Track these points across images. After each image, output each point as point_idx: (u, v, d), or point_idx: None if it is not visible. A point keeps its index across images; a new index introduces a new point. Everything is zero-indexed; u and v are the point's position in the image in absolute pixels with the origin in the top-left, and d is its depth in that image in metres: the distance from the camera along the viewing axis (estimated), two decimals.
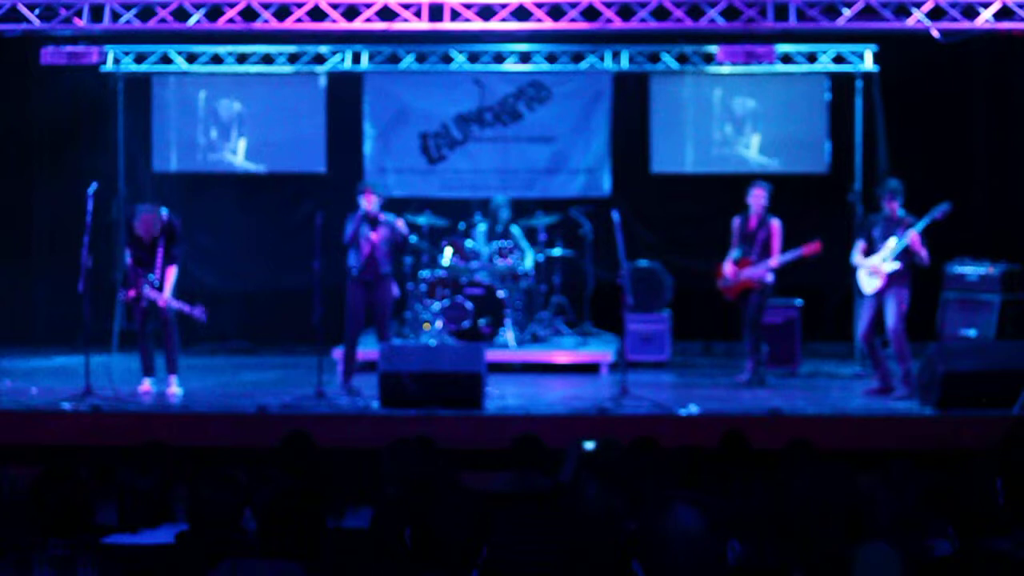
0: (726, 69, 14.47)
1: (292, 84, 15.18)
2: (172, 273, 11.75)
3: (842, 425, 10.36)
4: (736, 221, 12.44)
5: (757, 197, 12.28)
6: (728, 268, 12.36)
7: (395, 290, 12.30)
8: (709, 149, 14.95)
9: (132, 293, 11.66)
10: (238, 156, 15.36)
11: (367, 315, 12.04)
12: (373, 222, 11.88)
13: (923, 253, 11.39)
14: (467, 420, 10.45)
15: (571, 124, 15.01)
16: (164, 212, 11.88)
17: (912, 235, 11.31)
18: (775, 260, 12.18)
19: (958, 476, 5.72)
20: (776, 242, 12.23)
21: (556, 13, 12.08)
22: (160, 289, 11.67)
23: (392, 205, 13.19)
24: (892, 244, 11.40)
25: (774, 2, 11.89)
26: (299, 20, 12.13)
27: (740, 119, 14.92)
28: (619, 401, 10.92)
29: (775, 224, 12.30)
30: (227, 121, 15.33)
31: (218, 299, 13.88)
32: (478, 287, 13.53)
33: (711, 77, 14.86)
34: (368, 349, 12.20)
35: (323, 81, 15.17)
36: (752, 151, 14.92)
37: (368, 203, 11.90)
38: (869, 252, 11.60)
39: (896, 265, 11.39)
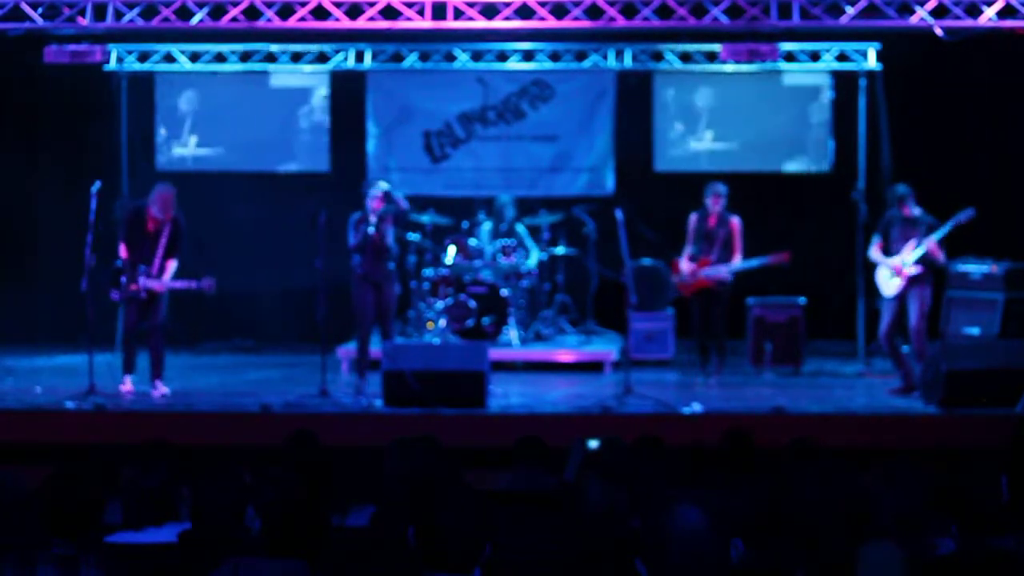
0: (729, 67, 14.46)
1: (295, 83, 15.19)
2: (172, 266, 11.67)
3: (845, 424, 10.37)
4: (693, 218, 12.52)
5: (716, 202, 12.37)
6: (686, 265, 12.40)
7: (397, 288, 12.40)
8: (712, 147, 14.94)
9: (134, 287, 11.57)
10: (241, 154, 15.35)
11: (375, 314, 12.13)
12: (379, 222, 11.92)
13: (940, 257, 11.42)
14: (470, 419, 10.46)
15: (574, 123, 15.00)
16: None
17: (931, 244, 11.31)
18: (737, 261, 12.21)
19: (962, 475, 5.72)
20: (738, 240, 12.33)
21: (559, 11, 12.08)
22: (157, 277, 11.61)
23: None
24: (912, 247, 11.37)
25: (777, 0, 11.88)
26: (302, 19, 12.13)
27: (742, 117, 14.90)
28: (622, 400, 10.93)
29: (735, 222, 12.36)
30: (230, 120, 15.32)
31: (222, 298, 13.86)
32: (481, 286, 13.53)
33: (714, 75, 14.85)
34: (371, 348, 12.22)
35: (326, 80, 15.17)
36: (755, 149, 14.90)
37: (376, 204, 11.93)
38: (886, 250, 11.57)
39: (917, 269, 11.38)
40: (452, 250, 13.89)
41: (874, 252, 11.74)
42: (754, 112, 14.81)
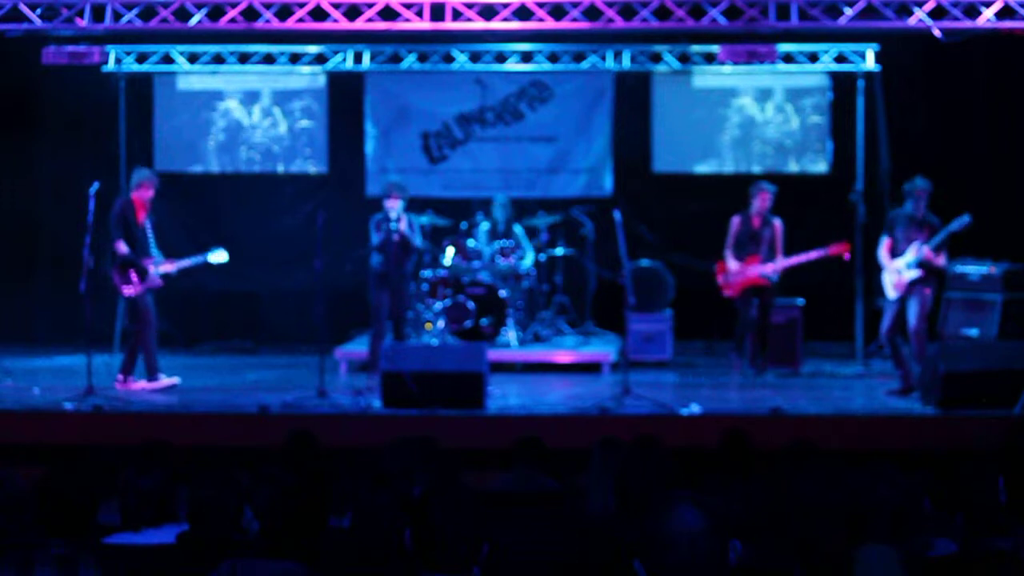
0: (728, 69, 14.48)
1: (293, 84, 15.21)
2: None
3: (843, 425, 10.36)
4: (736, 220, 12.48)
5: (764, 199, 12.36)
6: (732, 264, 12.39)
7: (411, 288, 12.71)
8: (711, 148, 14.97)
9: (150, 276, 11.71)
10: (240, 155, 15.37)
11: (389, 311, 12.49)
12: (397, 223, 12.22)
13: (939, 262, 11.41)
14: (469, 420, 10.45)
15: (573, 124, 15.02)
16: None
17: (925, 252, 11.29)
18: (790, 259, 12.23)
19: (959, 476, 5.72)
20: (780, 242, 12.31)
21: (558, 13, 12.08)
22: (159, 264, 11.79)
23: None
24: (914, 251, 11.36)
25: (776, 1, 11.89)
26: (301, 20, 12.13)
27: (741, 118, 14.93)
28: (621, 401, 10.92)
29: (779, 224, 12.38)
30: (229, 121, 15.34)
31: (220, 299, 13.91)
32: (480, 287, 13.53)
33: (713, 77, 14.86)
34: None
35: (324, 81, 15.19)
36: (754, 150, 14.94)
37: (394, 205, 12.37)
38: (893, 250, 11.56)
39: (917, 273, 11.37)
40: (450, 251, 13.89)
41: (882, 254, 11.68)
42: (752, 113, 14.86)
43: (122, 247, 11.76)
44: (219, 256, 11.94)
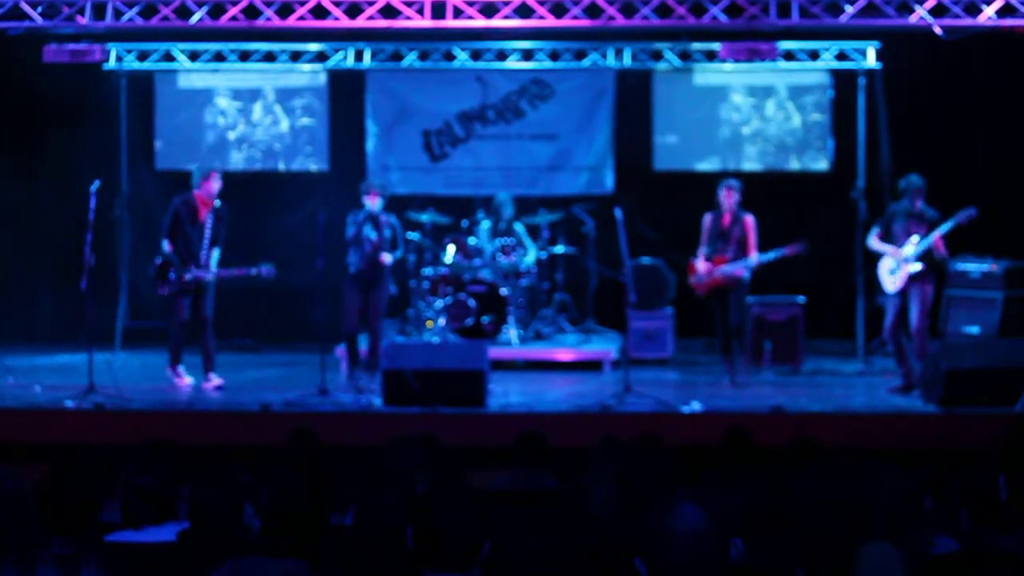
0: (729, 66, 14.47)
1: (294, 82, 15.20)
2: (216, 254, 12.07)
3: (845, 423, 10.36)
4: (707, 218, 12.46)
5: (727, 196, 12.29)
6: (701, 264, 12.37)
7: (391, 288, 12.53)
8: (712, 146, 14.96)
9: (186, 278, 11.83)
10: (240, 154, 15.37)
11: (363, 313, 12.28)
12: (375, 221, 12.09)
13: (942, 251, 11.41)
14: (470, 418, 10.46)
15: (574, 121, 15.01)
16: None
17: (935, 238, 11.29)
18: (755, 258, 12.15)
19: (961, 474, 5.72)
20: (751, 238, 12.23)
21: (559, 10, 12.08)
22: (205, 268, 11.92)
23: (395, 203, 13.26)
24: (915, 242, 11.35)
25: None
26: (301, 18, 12.14)
27: (742, 116, 14.93)
28: (622, 399, 10.91)
29: (749, 220, 12.30)
30: (230, 119, 15.35)
31: (222, 296, 13.87)
32: (481, 284, 13.53)
33: (714, 74, 14.86)
34: (362, 347, 12.31)
35: (325, 79, 15.18)
36: (754, 148, 14.93)
37: (372, 203, 12.15)
38: (891, 244, 11.54)
39: (919, 267, 11.37)
40: (451, 249, 13.88)
41: (874, 241, 11.69)
42: (753, 110, 14.87)
43: (165, 246, 11.89)
44: (268, 272, 12.03)
